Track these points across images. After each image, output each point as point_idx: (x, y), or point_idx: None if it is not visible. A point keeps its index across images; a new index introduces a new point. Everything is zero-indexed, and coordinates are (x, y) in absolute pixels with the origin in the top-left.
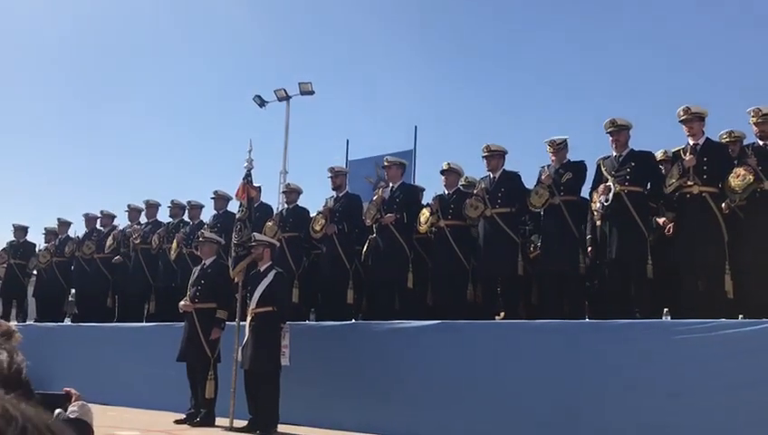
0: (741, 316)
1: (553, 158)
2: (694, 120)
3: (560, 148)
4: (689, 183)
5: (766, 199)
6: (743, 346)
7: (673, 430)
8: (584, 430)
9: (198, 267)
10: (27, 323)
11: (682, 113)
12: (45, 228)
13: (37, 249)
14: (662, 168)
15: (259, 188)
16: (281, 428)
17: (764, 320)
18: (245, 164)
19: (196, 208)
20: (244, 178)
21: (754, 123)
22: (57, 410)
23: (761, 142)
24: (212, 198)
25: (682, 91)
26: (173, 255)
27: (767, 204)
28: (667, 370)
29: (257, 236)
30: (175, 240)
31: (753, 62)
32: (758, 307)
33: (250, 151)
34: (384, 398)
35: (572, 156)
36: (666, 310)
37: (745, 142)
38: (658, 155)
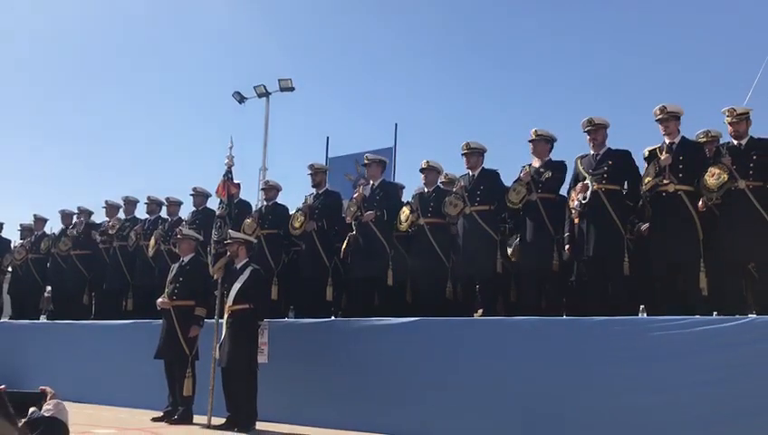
0: (715, 313)
1: (532, 148)
2: (670, 119)
3: (541, 139)
4: (665, 182)
5: (740, 198)
6: (717, 342)
7: (648, 426)
8: (561, 426)
9: (176, 264)
10: (2, 320)
11: (658, 112)
12: (21, 225)
13: (12, 246)
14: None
15: (239, 184)
16: (259, 425)
17: (738, 317)
18: (226, 161)
19: (174, 205)
20: (224, 175)
21: (729, 123)
22: (32, 409)
23: (735, 142)
24: (191, 195)
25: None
26: (151, 251)
27: (741, 202)
28: (642, 366)
29: (232, 233)
30: (153, 237)
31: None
32: (732, 304)
33: (231, 148)
34: (363, 395)
35: (555, 155)
36: (642, 307)
37: (720, 142)
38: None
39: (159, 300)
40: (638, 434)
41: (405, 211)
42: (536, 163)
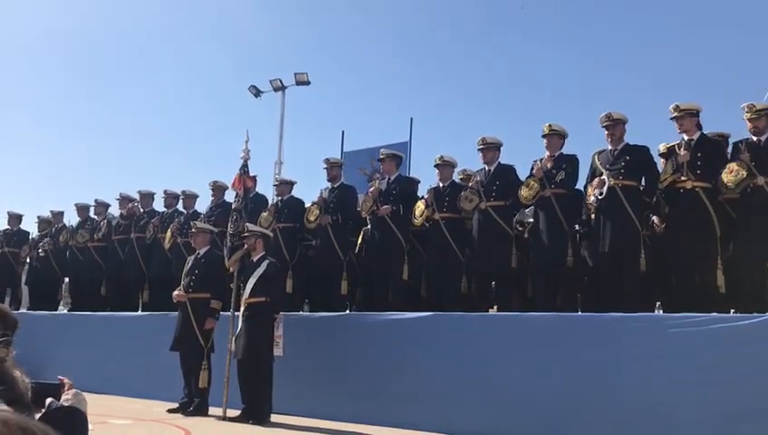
0: (732, 311)
1: (546, 143)
2: (685, 116)
3: (554, 134)
4: (683, 178)
5: (758, 195)
6: (734, 340)
7: (664, 423)
8: (576, 422)
9: (192, 257)
10: (21, 311)
11: (673, 111)
12: (38, 217)
13: (30, 238)
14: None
15: (255, 178)
16: (274, 417)
17: (755, 314)
18: (242, 154)
19: (190, 198)
20: (240, 169)
21: (748, 119)
22: (50, 399)
23: (754, 138)
24: (211, 189)
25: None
26: (167, 244)
27: (759, 199)
28: (658, 363)
29: (250, 226)
30: (169, 230)
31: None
32: (750, 302)
33: (247, 142)
34: (377, 389)
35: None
36: (658, 304)
37: (739, 138)
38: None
39: (175, 293)
40: (654, 431)
41: (420, 206)
42: (548, 158)
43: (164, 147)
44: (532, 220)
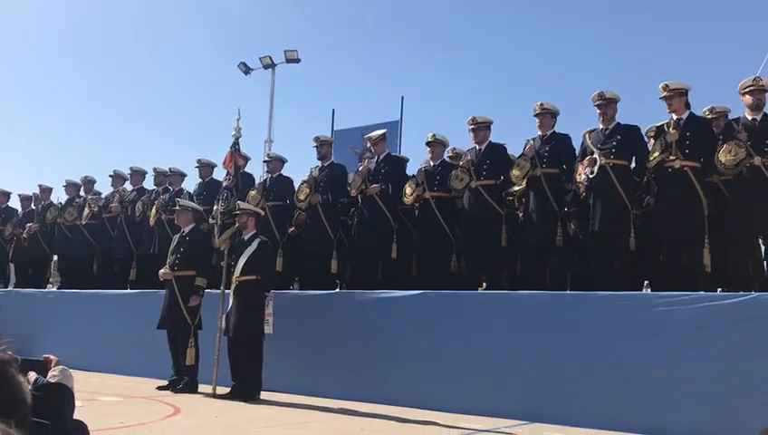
0: (719, 289)
1: (538, 122)
2: (674, 96)
3: (546, 112)
4: (671, 158)
5: (754, 175)
6: (721, 319)
7: (651, 401)
8: (564, 399)
9: (177, 235)
10: (8, 289)
11: (662, 90)
12: (19, 195)
13: (18, 214)
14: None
15: (247, 157)
16: (263, 395)
17: (742, 293)
18: (233, 133)
19: (176, 175)
20: (231, 147)
21: (750, 92)
22: (35, 376)
23: (749, 117)
24: (196, 167)
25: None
26: (152, 221)
27: (754, 179)
28: (646, 341)
29: (242, 204)
30: (154, 207)
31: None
32: (736, 281)
33: (238, 120)
34: (366, 366)
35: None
36: (646, 282)
37: (735, 115)
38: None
39: (161, 271)
40: (640, 408)
41: (410, 185)
42: (539, 137)
43: (153, 124)
44: (517, 188)
